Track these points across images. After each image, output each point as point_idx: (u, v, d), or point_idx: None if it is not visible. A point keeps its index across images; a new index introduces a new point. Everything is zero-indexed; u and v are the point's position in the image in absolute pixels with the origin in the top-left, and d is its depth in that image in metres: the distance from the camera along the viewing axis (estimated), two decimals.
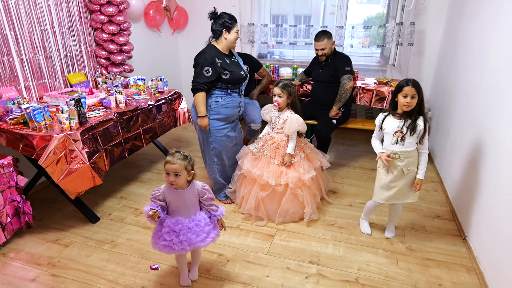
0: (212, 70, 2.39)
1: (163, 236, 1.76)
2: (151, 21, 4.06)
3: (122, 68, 3.57)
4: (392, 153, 2.12)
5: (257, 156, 2.54)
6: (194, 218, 1.79)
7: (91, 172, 2.33)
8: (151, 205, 1.75)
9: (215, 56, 2.41)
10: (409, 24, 3.80)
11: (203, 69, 2.38)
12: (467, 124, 2.63)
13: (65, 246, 2.33)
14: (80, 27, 3.21)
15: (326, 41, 3.08)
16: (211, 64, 2.39)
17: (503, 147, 1.96)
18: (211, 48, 2.46)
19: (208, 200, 1.80)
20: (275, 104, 2.48)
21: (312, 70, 3.44)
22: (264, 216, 2.56)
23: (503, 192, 1.93)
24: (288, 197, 2.47)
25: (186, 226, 1.76)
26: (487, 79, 2.36)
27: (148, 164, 3.58)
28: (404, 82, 2.03)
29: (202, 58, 2.40)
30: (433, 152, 3.68)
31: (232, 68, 2.48)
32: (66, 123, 2.28)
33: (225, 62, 2.46)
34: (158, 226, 1.81)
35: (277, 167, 2.46)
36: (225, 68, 2.44)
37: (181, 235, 1.75)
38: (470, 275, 2.09)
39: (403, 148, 2.10)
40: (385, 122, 2.14)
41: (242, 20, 4.35)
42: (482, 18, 2.63)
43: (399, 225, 2.55)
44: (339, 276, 2.08)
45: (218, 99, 2.50)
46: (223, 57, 2.46)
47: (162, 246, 1.78)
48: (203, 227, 1.80)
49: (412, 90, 1.99)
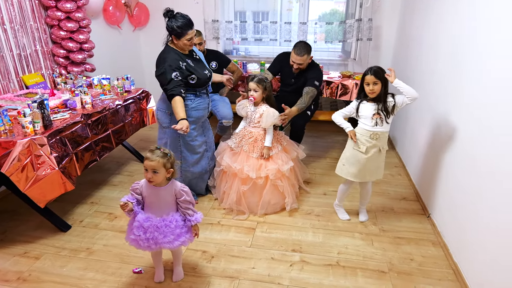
0: (180, 74, 2.29)
1: (133, 229, 1.75)
2: (111, 18, 3.90)
3: (83, 67, 3.39)
4: (373, 134, 2.26)
5: (235, 151, 2.56)
6: (165, 219, 1.76)
7: (61, 178, 2.20)
8: (127, 197, 1.74)
9: (178, 60, 2.30)
10: (367, 20, 4.00)
11: (171, 75, 2.25)
12: (423, 110, 2.86)
13: (35, 259, 2.19)
14: (34, 24, 3.00)
15: (305, 57, 2.91)
16: (176, 69, 2.28)
17: (456, 130, 2.16)
18: (170, 52, 2.32)
19: (185, 203, 1.76)
20: (251, 98, 2.50)
21: (283, 76, 3.25)
22: (246, 210, 2.59)
23: (458, 170, 2.14)
24: (269, 189, 2.53)
25: (155, 224, 1.74)
26: (440, 68, 2.58)
27: (117, 166, 3.45)
28: (366, 71, 2.20)
29: (165, 65, 2.26)
30: (394, 139, 3.92)
31: (197, 71, 2.39)
32: (29, 127, 2.14)
33: (189, 64, 2.36)
34: (132, 219, 1.79)
35: (256, 160, 2.50)
36: (191, 71, 2.35)
37: (148, 233, 1.73)
38: (436, 248, 2.28)
39: (382, 128, 2.25)
40: (361, 108, 2.28)
41: (206, 16, 4.32)
42: (432, 14, 2.85)
43: (371, 209, 2.70)
44: (321, 261, 2.17)
45: (188, 102, 2.41)
46: (185, 59, 2.35)
47: (131, 239, 1.78)
48: (173, 229, 1.76)
49: (372, 78, 2.16)
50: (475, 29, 2.07)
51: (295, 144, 2.77)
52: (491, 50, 1.85)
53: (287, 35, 4.26)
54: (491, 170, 1.76)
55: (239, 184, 2.52)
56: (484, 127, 1.86)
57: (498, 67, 1.77)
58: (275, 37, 4.28)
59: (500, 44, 1.77)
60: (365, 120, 2.28)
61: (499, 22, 1.80)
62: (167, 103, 2.41)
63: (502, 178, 1.66)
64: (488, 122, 1.83)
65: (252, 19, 4.38)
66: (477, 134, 1.94)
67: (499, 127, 1.72)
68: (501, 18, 1.78)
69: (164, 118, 2.50)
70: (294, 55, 2.90)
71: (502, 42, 1.75)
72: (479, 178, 1.88)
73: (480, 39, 1.99)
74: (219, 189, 2.69)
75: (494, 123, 1.77)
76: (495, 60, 1.80)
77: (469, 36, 2.14)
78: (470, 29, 2.13)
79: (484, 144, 1.85)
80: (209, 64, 3.50)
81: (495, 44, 1.81)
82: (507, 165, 1.62)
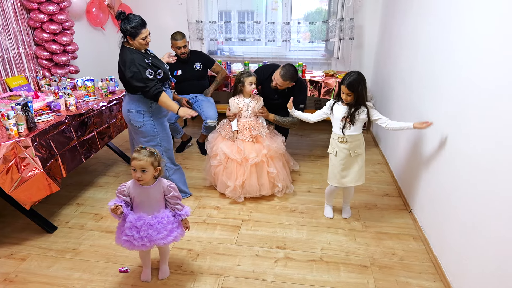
0: (152, 70, 2.33)
1: (124, 231, 1.78)
2: (95, 19, 3.89)
3: (67, 69, 3.39)
4: (340, 137, 2.33)
5: (232, 141, 2.82)
6: (157, 216, 1.81)
7: (46, 179, 2.21)
8: (115, 200, 1.76)
9: (144, 58, 2.34)
10: (349, 20, 4.08)
11: (145, 74, 2.29)
12: (405, 108, 2.94)
13: (21, 260, 2.20)
14: (16, 26, 2.98)
15: (288, 82, 2.83)
16: (147, 66, 2.32)
17: (434, 127, 2.24)
18: (133, 53, 2.33)
19: (174, 199, 1.82)
20: (255, 92, 2.80)
21: (264, 89, 3.05)
22: (247, 193, 2.81)
23: (437, 167, 2.22)
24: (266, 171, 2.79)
25: (148, 222, 1.78)
26: (419, 66, 2.66)
27: (103, 167, 3.45)
28: (344, 78, 2.24)
29: (137, 65, 2.29)
30: (377, 136, 4.02)
31: (161, 66, 2.45)
32: (13, 130, 2.14)
33: (152, 61, 2.40)
34: (122, 221, 1.81)
35: (252, 144, 2.76)
36: (156, 66, 2.39)
37: (142, 231, 1.76)
38: (417, 242, 2.36)
39: (350, 132, 2.31)
40: (334, 108, 2.34)
41: (190, 17, 4.34)
42: (412, 14, 2.93)
43: (354, 206, 2.77)
44: (305, 257, 2.22)
45: None
46: (147, 57, 2.38)
47: (123, 241, 1.80)
48: (166, 225, 1.81)
49: (345, 89, 2.22)
50: (450, 29, 2.15)
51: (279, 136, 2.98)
52: (466, 51, 1.92)
53: (271, 35, 4.31)
54: (467, 166, 1.83)
55: (239, 168, 2.75)
56: (460, 125, 1.94)
57: (473, 67, 1.84)
58: (259, 37, 4.33)
59: (474, 45, 1.84)
60: (335, 121, 2.35)
61: (473, 23, 1.88)
62: (138, 102, 2.43)
63: (478, 174, 1.72)
64: (463, 120, 1.90)
65: (237, 19, 4.42)
66: (454, 131, 2.01)
67: (474, 124, 1.79)
68: (475, 20, 1.86)
69: (138, 118, 2.47)
70: (278, 76, 2.79)
71: (476, 43, 1.82)
72: (456, 174, 1.95)
73: (455, 40, 2.07)
74: (217, 178, 2.87)
75: (469, 121, 1.84)
76: (470, 60, 1.87)
77: (445, 36, 2.22)
78: (445, 30, 2.22)
79: (461, 141, 1.93)
80: (194, 65, 3.53)
81: (470, 45, 1.88)
82: (483, 162, 1.68)
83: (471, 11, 1.89)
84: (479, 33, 1.78)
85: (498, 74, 1.59)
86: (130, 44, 2.37)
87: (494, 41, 1.63)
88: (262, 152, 2.73)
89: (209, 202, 2.84)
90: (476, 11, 1.83)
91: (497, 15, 1.63)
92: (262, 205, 2.80)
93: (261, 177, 2.78)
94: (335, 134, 2.36)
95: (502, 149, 1.53)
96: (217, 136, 2.90)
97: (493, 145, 1.60)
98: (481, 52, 1.74)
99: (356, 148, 2.35)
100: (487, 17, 1.71)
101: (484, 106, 1.69)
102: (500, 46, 1.58)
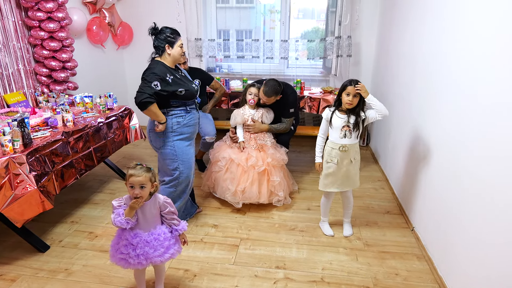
0: (161, 85, 2.23)
1: (120, 249, 1.72)
2: (95, 37, 3.92)
3: (66, 85, 3.38)
4: (342, 146, 2.31)
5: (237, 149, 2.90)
6: (154, 232, 1.75)
7: (40, 197, 2.16)
8: (118, 210, 1.69)
9: (165, 72, 2.28)
10: (347, 38, 4.13)
11: (151, 83, 2.20)
12: (404, 123, 2.92)
13: (11, 281, 2.11)
14: (17, 43, 3.00)
15: (273, 98, 2.86)
16: (160, 80, 2.23)
17: (433, 143, 2.22)
18: (158, 64, 2.29)
19: (170, 214, 1.78)
20: (251, 101, 2.88)
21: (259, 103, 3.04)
22: (246, 199, 2.82)
23: (437, 183, 2.18)
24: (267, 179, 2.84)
25: (144, 239, 1.72)
26: (417, 81, 2.67)
27: (99, 184, 3.39)
28: (348, 82, 2.25)
29: (150, 74, 2.23)
30: (376, 152, 3.99)
31: (186, 83, 2.39)
32: (9, 146, 2.11)
33: (176, 77, 2.35)
34: (116, 238, 1.76)
35: (256, 151, 2.84)
36: (178, 83, 2.32)
37: (138, 249, 1.70)
38: (421, 262, 2.29)
39: (350, 141, 2.30)
40: (333, 118, 2.33)
41: (189, 35, 4.39)
42: (409, 30, 2.96)
43: (355, 224, 2.71)
44: (305, 278, 2.15)
45: (180, 119, 2.37)
46: (173, 73, 2.34)
47: (118, 259, 1.74)
48: (162, 241, 1.76)
49: (352, 89, 2.21)
50: (448, 44, 2.16)
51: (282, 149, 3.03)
52: (465, 66, 1.92)
53: (269, 52, 4.36)
54: (472, 182, 1.79)
55: (243, 175, 2.80)
56: (461, 140, 1.91)
57: (472, 83, 1.84)
58: (258, 54, 4.37)
59: (473, 59, 1.84)
60: (335, 131, 2.33)
61: (467, 38, 1.89)
62: None
63: (483, 190, 1.68)
64: (464, 135, 1.88)
65: (236, 37, 4.47)
66: (453, 147, 1.99)
67: (476, 140, 1.76)
68: (469, 35, 1.87)
69: (157, 138, 2.41)
70: (262, 94, 2.85)
71: (475, 57, 1.82)
72: (459, 190, 1.91)
73: (454, 55, 2.07)
74: (218, 184, 2.90)
75: (470, 136, 1.82)
76: (470, 75, 1.87)
77: (443, 51, 2.23)
78: (443, 45, 2.23)
79: (461, 156, 1.90)
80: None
81: (469, 60, 1.88)
82: (487, 177, 1.65)
83: (470, 26, 1.90)
84: (477, 47, 1.78)
85: (498, 89, 1.58)
86: (164, 57, 2.35)
87: (492, 53, 1.63)
88: (267, 161, 2.80)
89: (207, 220, 2.78)
90: (474, 26, 1.84)
91: (492, 28, 1.63)
92: (260, 223, 2.74)
93: (262, 185, 2.82)
94: (335, 144, 2.34)
95: (506, 163, 1.50)
96: (222, 144, 3.00)
97: (496, 160, 1.57)
98: (481, 66, 1.74)
99: (356, 155, 2.37)
100: (485, 32, 1.72)
101: (485, 122, 1.67)
102: (498, 62, 1.57)
